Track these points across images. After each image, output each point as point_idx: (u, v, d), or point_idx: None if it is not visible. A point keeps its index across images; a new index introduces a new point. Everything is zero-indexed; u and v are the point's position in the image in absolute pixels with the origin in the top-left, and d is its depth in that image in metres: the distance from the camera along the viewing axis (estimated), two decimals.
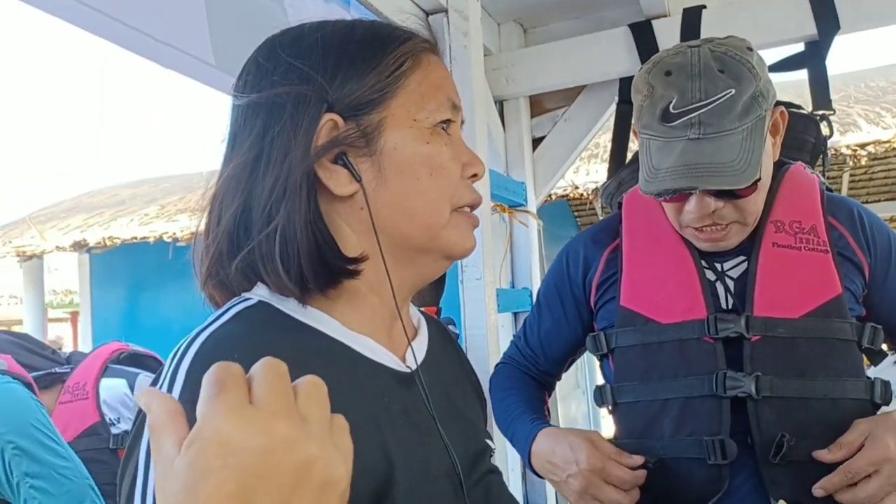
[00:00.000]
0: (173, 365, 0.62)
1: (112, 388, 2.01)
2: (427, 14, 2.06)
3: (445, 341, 0.93)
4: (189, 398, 0.49)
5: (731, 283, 1.26)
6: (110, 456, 1.96)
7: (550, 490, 2.29)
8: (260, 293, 0.72)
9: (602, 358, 1.40)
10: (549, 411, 1.52)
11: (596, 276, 1.39)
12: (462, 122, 0.82)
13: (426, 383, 0.79)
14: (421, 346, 0.84)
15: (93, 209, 7.63)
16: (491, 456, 0.87)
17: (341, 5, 1.74)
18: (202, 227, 0.76)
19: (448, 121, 0.77)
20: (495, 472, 0.85)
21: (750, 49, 1.19)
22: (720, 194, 1.17)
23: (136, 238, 6.12)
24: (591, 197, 4.59)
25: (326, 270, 0.70)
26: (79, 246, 6.43)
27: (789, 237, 1.25)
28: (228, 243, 0.72)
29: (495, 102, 2.44)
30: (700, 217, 1.20)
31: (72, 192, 9.88)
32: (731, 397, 1.20)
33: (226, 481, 0.40)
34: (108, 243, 6.28)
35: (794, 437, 1.15)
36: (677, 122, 1.14)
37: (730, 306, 1.25)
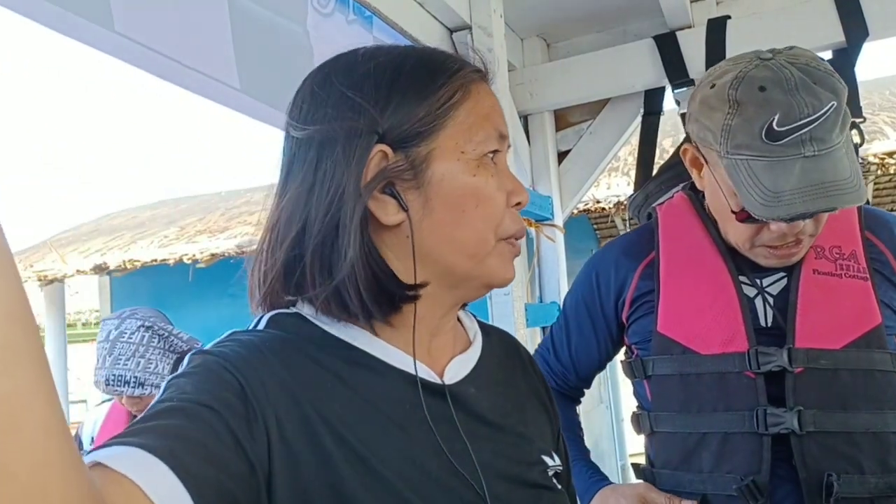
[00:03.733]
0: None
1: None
2: (451, 31, 2.06)
3: (509, 354, 0.93)
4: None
5: (771, 300, 1.23)
6: None
7: None
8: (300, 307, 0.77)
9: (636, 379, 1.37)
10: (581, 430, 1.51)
11: (629, 292, 1.35)
12: (508, 146, 0.82)
13: (469, 396, 0.79)
14: (468, 359, 0.83)
15: (113, 232, 7.69)
16: (546, 471, 0.84)
17: (364, 26, 1.74)
18: (259, 251, 0.78)
19: (495, 151, 0.78)
20: (550, 488, 0.83)
21: (821, 59, 1.15)
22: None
23: (156, 260, 6.16)
24: (612, 210, 4.56)
25: (387, 299, 0.73)
26: (99, 269, 6.47)
27: (830, 264, 1.22)
28: (285, 275, 0.75)
29: (520, 117, 2.43)
30: (784, 235, 1.15)
31: (91, 215, 9.97)
32: (772, 434, 1.17)
33: None
34: (129, 266, 6.32)
35: (839, 474, 1.13)
36: (786, 139, 1.06)
37: (769, 324, 1.22)
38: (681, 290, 1.28)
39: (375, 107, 0.73)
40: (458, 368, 0.82)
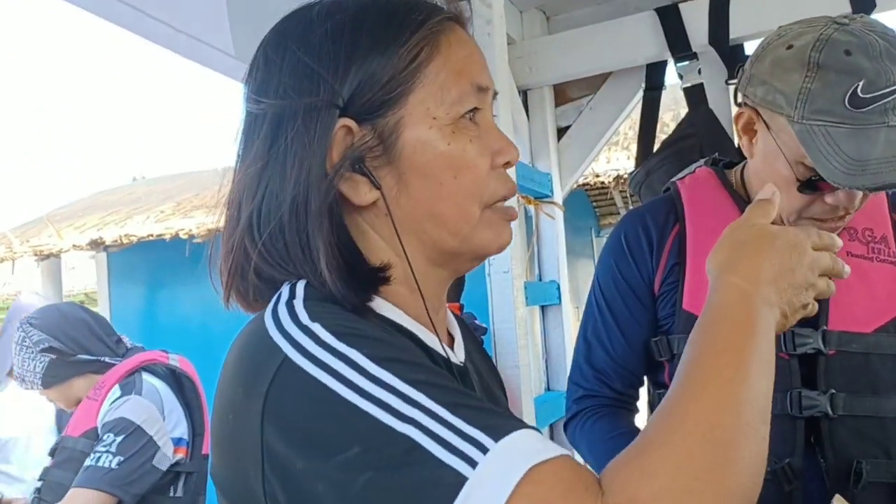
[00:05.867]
0: (279, 319, 0.62)
1: (109, 402, 1.95)
2: (448, 1, 2.01)
3: (472, 338, 0.91)
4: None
5: None
6: None
7: None
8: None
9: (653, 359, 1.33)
10: None
11: (661, 266, 1.28)
12: (495, 94, 0.76)
13: (472, 378, 0.78)
14: (460, 341, 0.82)
15: (109, 207, 7.65)
16: None
17: None
18: (221, 228, 0.74)
19: (474, 109, 0.71)
20: None
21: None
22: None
23: (152, 235, 6.13)
24: (611, 184, 4.52)
25: (358, 283, 0.67)
26: (96, 244, 6.44)
27: (862, 246, 1.20)
28: (244, 251, 0.70)
29: (519, 92, 2.38)
30: (837, 209, 1.11)
31: (87, 191, 9.96)
32: (805, 417, 1.15)
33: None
34: (125, 241, 6.29)
35: (868, 459, 1.12)
36: (871, 107, 1.02)
37: None
38: None
39: (334, 75, 0.67)
40: (460, 349, 0.80)
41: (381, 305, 0.69)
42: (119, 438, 1.80)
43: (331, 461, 0.53)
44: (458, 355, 0.78)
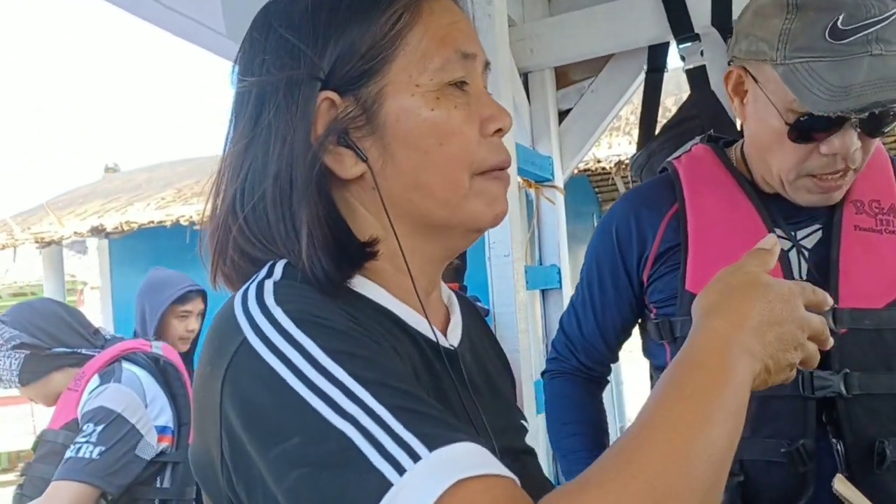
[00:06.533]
0: (244, 304, 0.60)
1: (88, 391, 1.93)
2: None
3: (477, 319, 0.89)
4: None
5: (805, 254, 1.18)
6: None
7: None
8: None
9: (654, 341, 1.31)
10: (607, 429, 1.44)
11: (654, 247, 1.27)
12: (487, 65, 0.74)
13: (466, 361, 0.76)
14: (457, 323, 0.80)
15: (109, 194, 7.64)
16: (524, 436, 0.84)
17: None
18: (208, 211, 0.73)
19: (460, 76, 0.69)
20: (530, 452, 0.82)
21: None
22: (864, 132, 1.08)
23: (153, 222, 6.14)
24: (612, 170, 4.50)
25: (346, 259, 0.65)
26: (96, 231, 6.44)
27: (870, 219, 1.17)
28: (227, 229, 0.69)
29: (520, 74, 2.36)
30: (836, 159, 1.09)
31: (88, 178, 9.93)
32: (818, 398, 1.13)
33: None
34: (126, 228, 6.29)
35: (888, 438, 1.10)
36: (852, 38, 1.02)
37: (804, 279, 1.16)
38: (711, 245, 1.21)
39: (314, 48, 0.66)
40: (456, 331, 0.78)
41: (363, 284, 0.68)
42: (99, 428, 1.77)
43: (271, 450, 0.53)
44: (450, 338, 0.76)
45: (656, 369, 1.36)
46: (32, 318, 2.00)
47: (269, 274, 0.65)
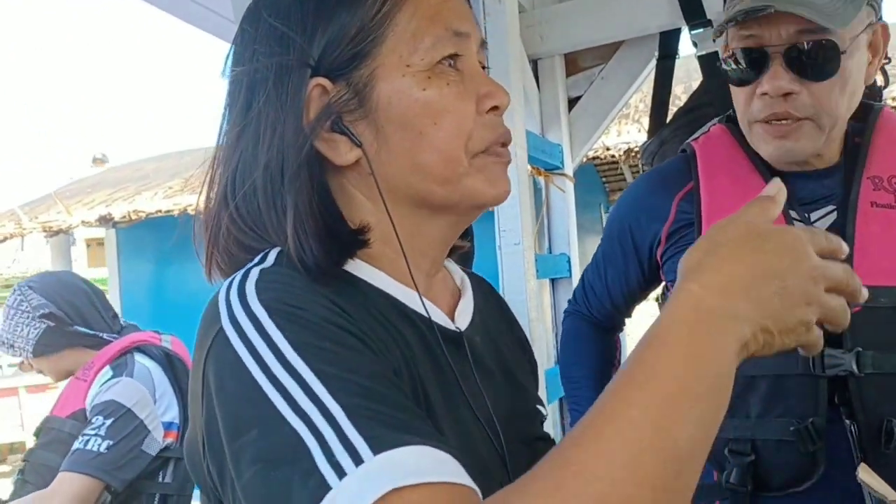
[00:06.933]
0: (229, 297, 0.60)
1: (99, 383, 1.90)
2: None
3: (495, 302, 0.88)
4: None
5: None
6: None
7: None
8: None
9: None
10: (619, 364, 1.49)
11: (666, 224, 1.28)
12: (484, 44, 0.73)
13: (476, 345, 0.74)
14: (466, 306, 0.78)
15: (117, 184, 7.66)
16: (542, 422, 0.83)
17: None
18: (201, 201, 0.73)
19: (453, 55, 0.68)
20: (545, 439, 0.81)
21: None
22: (798, 73, 1.08)
23: (160, 211, 6.14)
24: (621, 158, 4.48)
25: (336, 246, 0.64)
26: (104, 220, 6.45)
27: (889, 195, 1.15)
28: (219, 218, 0.70)
29: (529, 61, 2.34)
30: (772, 102, 1.10)
31: (96, 168, 9.93)
32: (829, 376, 1.11)
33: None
34: (133, 217, 6.30)
35: None
36: None
37: None
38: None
39: (303, 35, 0.65)
40: (465, 314, 0.77)
41: (362, 268, 0.68)
42: (109, 422, 1.75)
43: (235, 441, 0.53)
44: (458, 321, 0.75)
45: None
46: (60, 290, 1.97)
47: (261, 261, 0.64)
